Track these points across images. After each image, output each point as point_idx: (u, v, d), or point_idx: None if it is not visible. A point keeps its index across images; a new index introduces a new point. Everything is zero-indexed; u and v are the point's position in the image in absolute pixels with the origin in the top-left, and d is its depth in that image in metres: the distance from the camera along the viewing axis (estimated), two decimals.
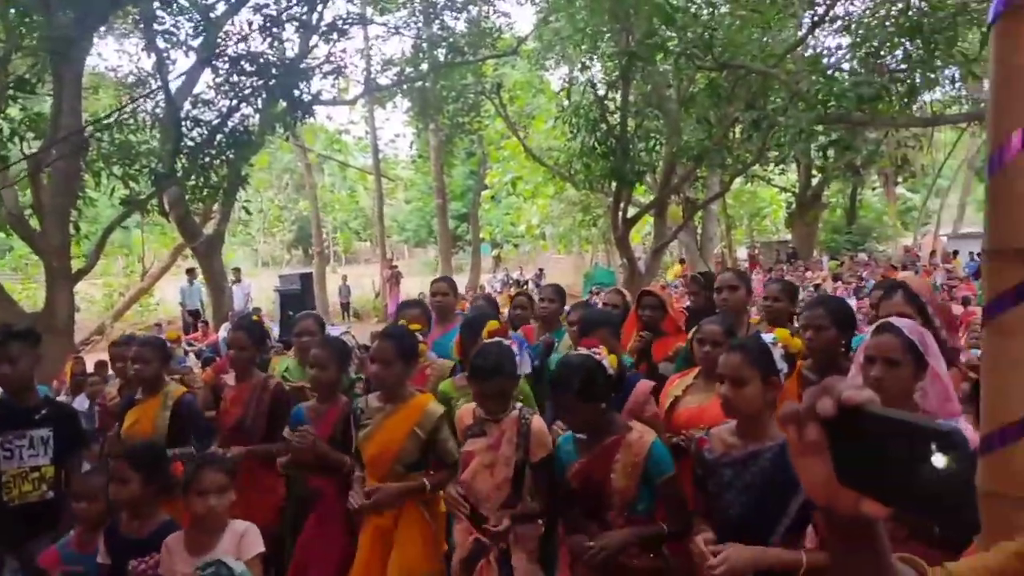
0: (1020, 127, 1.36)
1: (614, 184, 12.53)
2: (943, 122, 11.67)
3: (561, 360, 2.90)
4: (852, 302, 12.86)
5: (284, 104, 11.02)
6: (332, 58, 12.60)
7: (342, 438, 3.41)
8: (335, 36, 12.20)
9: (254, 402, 3.85)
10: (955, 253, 21.39)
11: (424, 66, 14.70)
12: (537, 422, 2.85)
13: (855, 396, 0.73)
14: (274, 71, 10.67)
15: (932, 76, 8.75)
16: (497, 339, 3.16)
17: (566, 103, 12.44)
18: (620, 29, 9.20)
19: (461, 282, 24.23)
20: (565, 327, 4.48)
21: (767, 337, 2.66)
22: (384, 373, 3.16)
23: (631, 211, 14.26)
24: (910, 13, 7.95)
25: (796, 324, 4.21)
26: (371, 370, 3.26)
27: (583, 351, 2.78)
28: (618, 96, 11.76)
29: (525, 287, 20.59)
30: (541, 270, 27.11)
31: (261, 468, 3.73)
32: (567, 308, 4.99)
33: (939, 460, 0.66)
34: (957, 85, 12.24)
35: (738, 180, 19.42)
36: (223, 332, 10.97)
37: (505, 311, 10.14)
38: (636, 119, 11.66)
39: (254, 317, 4.71)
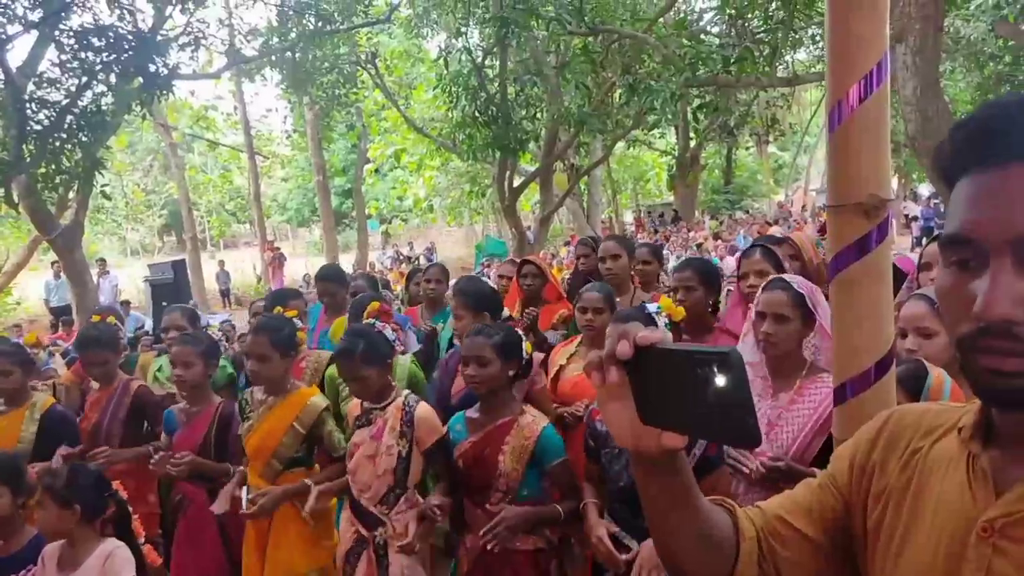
0: (856, 83, 1.40)
1: (498, 153, 12.50)
2: (805, 81, 12.30)
3: (478, 327, 2.88)
4: (731, 260, 13.50)
5: (140, 80, 10.28)
6: (190, 29, 11.85)
7: (218, 442, 3.25)
8: (191, 5, 11.47)
9: (112, 406, 3.62)
10: (824, 207, 22.73)
11: (292, 35, 14.06)
12: (423, 409, 2.78)
13: (649, 336, 0.77)
14: (126, 45, 9.91)
15: (794, 36, 9.18)
16: (370, 321, 3.08)
17: (445, 72, 12.24)
18: None
19: (349, 260, 23.75)
20: (451, 305, 4.44)
21: (651, 307, 2.73)
22: (261, 369, 3.03)
23: (517, 180, 14.29)
24: None
25: (664, 284, 4.40)
26: (248, 367, 3.12)
27: None
28: (496, 63, 11.67)
29: (416, 263, 20.39)
30: (432, 244, 26.93)
31: (129, 477, 3.48)
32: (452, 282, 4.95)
33: (720, 380, 0.71)
34: (819, 44, 12.88)
35: (620, 145, 19.83)
36: None
37: (398, 288, 9.98)
38: (516, 86, 11.62)
39: (110, 318, 4.39)
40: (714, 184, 31.85)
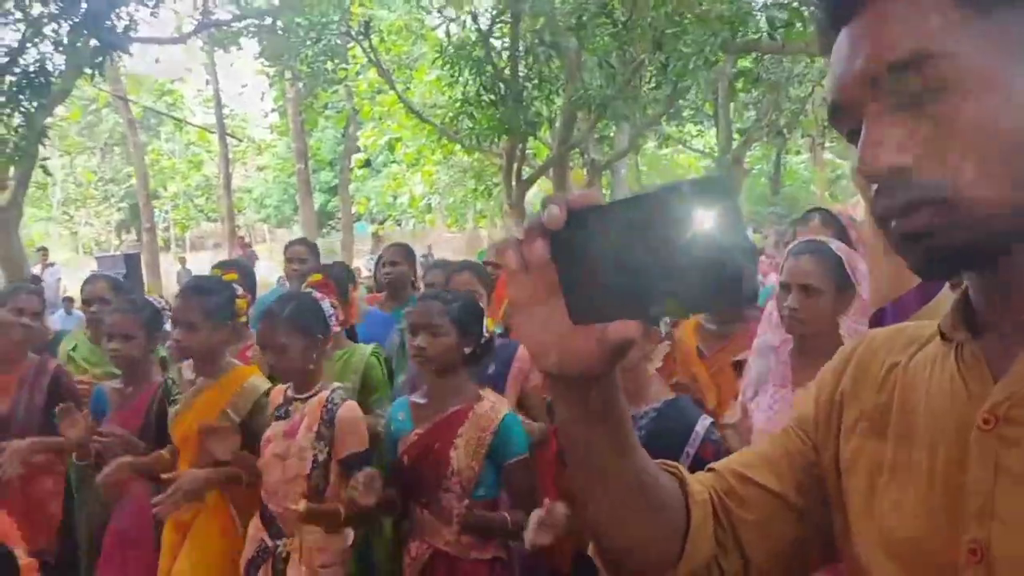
0: None
1: (505, 138, 12.40)
2: None
3: (432, 291, 2.84)
4: (773, 276, 13.33)
5: (94, 41, 10.25)
6: None
7: (158, 427, 3.11)
8: None
9: (27, 390, 3.46)
10: None
11: None
12: (348, 409, 2.58)
13: (588, 195, 0.66)
14: None
15: None
16: (308, 290, 3.04)
17: (448, 43, 12.18)
18: None
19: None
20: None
21: None
22: (188, 340, 2.86)
23: (527, 172, 14.19)
24: None
25: None
26: (173, 336, 2.97)
27: None
28: (507, 33, 11.62)
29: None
30: (429, 247, 26.84)
31: (30, 474, 3.28)
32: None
33: (706, 219, 0.59)
34: None
35: (651, 144, 19.74)
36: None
37: None
38: (527, 60, 11.54)
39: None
40: (761, 192, 31.71)
